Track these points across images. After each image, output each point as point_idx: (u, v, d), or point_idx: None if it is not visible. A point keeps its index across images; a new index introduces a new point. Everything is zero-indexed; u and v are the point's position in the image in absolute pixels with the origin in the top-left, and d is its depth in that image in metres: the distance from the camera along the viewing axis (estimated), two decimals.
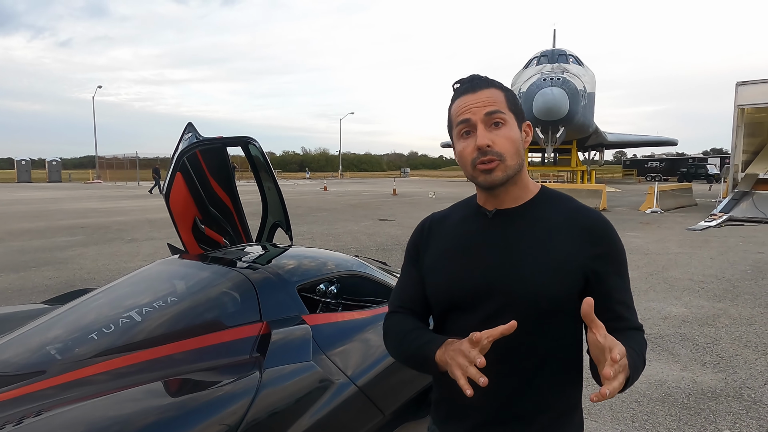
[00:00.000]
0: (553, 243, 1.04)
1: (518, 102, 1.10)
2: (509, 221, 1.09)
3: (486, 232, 1.10)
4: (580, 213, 1.09)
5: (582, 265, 1.03)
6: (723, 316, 5.07)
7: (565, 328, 1.05)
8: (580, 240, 1.05)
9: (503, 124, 1.04)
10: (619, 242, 1.08)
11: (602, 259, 1.04)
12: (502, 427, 1.08)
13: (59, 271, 7.02)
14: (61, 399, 1.57)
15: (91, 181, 42.99)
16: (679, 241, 10.07)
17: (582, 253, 1.03)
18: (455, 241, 1.13)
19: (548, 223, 1.07)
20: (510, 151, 1.04)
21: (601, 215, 1.10)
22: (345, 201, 21.03)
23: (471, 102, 1.05)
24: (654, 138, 46.81)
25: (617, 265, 1.07)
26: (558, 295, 1.02)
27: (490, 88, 1.07)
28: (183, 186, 3.17)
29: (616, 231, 1.10)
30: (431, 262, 1.16)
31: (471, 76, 1.11)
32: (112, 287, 2.43)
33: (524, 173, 1.11)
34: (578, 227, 1.06)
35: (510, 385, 1.05)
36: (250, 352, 1.93)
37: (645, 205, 16.85)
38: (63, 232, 10.91)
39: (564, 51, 28.72)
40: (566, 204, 1.12)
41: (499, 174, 1.04)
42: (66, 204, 18.91)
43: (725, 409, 3.12)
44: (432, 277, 1.15)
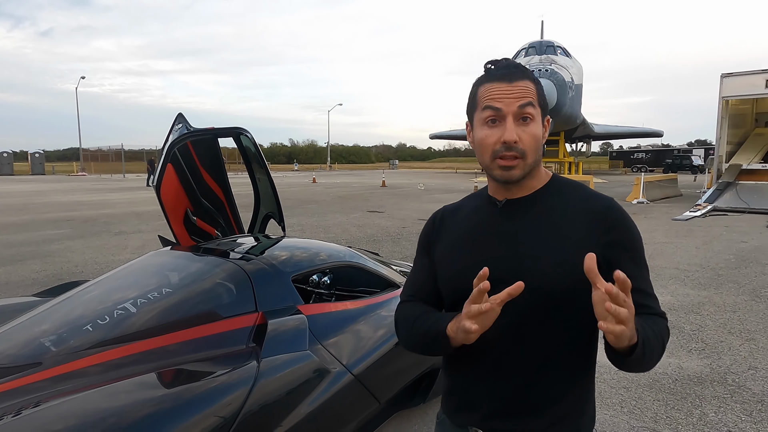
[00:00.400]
0: (565, 231, 1.03)
1: (545, 95, 1.08)
2: (520, 210, 1.08)
3: (496, 222, 1.09)
4: (592, 200, 1.07)
5: (595, 251, 0.96)
6: (708, 303, 5.18)
7: (578, 318, 1.02)
8: (592, 227, 1.03)
9: (531, 120, 1.02)
10: (633, 229, 1.06)
11: (616, 247, 1.02)
12: (514, 417, 1.06)
13: (47, 264, 6.94)
14: (57, 390, 1.57)
15: (76, 173, 42.38)
16: (665, 231, 10.22)
17: (594, 241, 1.01)
18: (466, 232, 1.13)
19: (560, 211, 1.06)
20: (532, 148, 1.03)
21: (614, 202, 1.08)
22: (334, 193, 20.98)
23: (505, 91, 1.02)
24: (640, 129, 47.26)
25: (632, 252, 1.04)
26: (570, 284, 0.99)
27: (525, 80, 1.04)
28: (174, 177, 3.15)
29: (630, 217, 1.07)
30: (442, 253, 1.15)
31: (507, 62, 1.06)
32: (106, 279, 2.41)
33: (540, 164, 1.09)
34: (590, 215, 1.04)
35: (522, 375, 1.04)
36: (247, 342, 1.94)
37: (631, 195, 17.05)
38: (49, 226, 10.76)
39: (552, 42, 28.81)
40: (578, 192, 1.10)
41: (518, 172, 1.03)
42: (51, 197, 18.62)
43: (711, 394, 3.19)
44: (443, 268, 1.14)
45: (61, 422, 1.40)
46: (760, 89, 15.06)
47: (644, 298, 1.02)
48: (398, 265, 3.71)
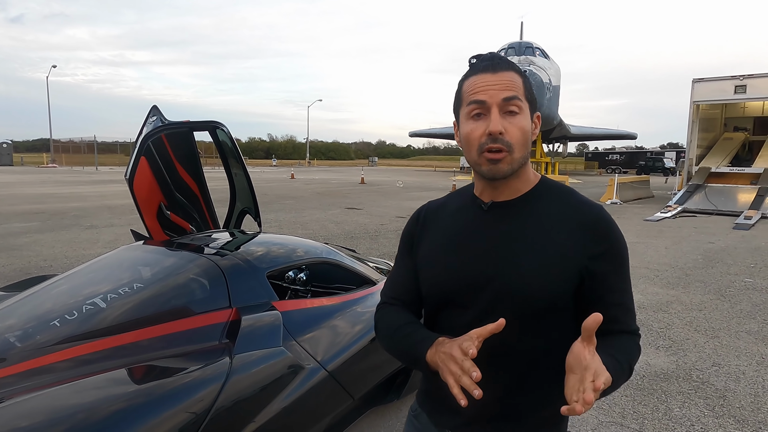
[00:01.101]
0: (550, 239, 1.00)
1: (533, 90, 1.05)
2: (506, 214, 1.05)
3: (481, 225, 1.06)
4: (580, 208, 1.03)
5: (579, 263, 0.98)
6: (675, 302, 5.33)
7: (560, 326, 1.01)
8: (579, 237, 0.99)
9: (518, 113, 0.99)
10: (621, 241, 1.03)
11: (601, 258, 0.99)
12: (494, 424, 1.05)
13: (13, 258, 6.74)
14: (22, 387, 1.53)
15: (46, 165, 41.16)
16: (637, 231, 10.46)
17: (580, 251, 0.98)
18: (449, 234, 1.10)
19: (546, 217, 1.02)
20: (520, 142, 0.99)
21: (603, 211, 1.04)
22: (312, 189, 20.87)
23: (489, 82, 0.98)
24: (615, 131, 48.26)
25: (617, 264, 1.01)
26: (552, 293, 0.98)
27: (510, 71, 1.00)
28: (148, 170, 3.10)
29: (618, 228, 1.04)
30: (424, 254, 1.12)
31: (492, 55, 1.03)
32: (75, 273, 2.36)
33: (527, 165, 1.05)
34: (578, 223, 1.01)
35: (502, 382, 1.02)
36: (220, 338, 1.92)
37: (605, 196, 17.39)
38: (17, 218, 10.44)
39: (531, 44, 29.19)
40: (567, 197, 1.06)
41: (505, 166, 0.99)
42: (19, 188, 18.06)
43: (676, 390, 3.29)
44: (425, 271, 1.11)
45: (28, 419, 1.37)
46: (729, 95, 15.53)
47: (622, 313, 1.02)
48: (375, 262, 3.71)
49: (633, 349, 1.01)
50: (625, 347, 1.00)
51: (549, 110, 27.22)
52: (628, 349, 1.00)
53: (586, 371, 0.82)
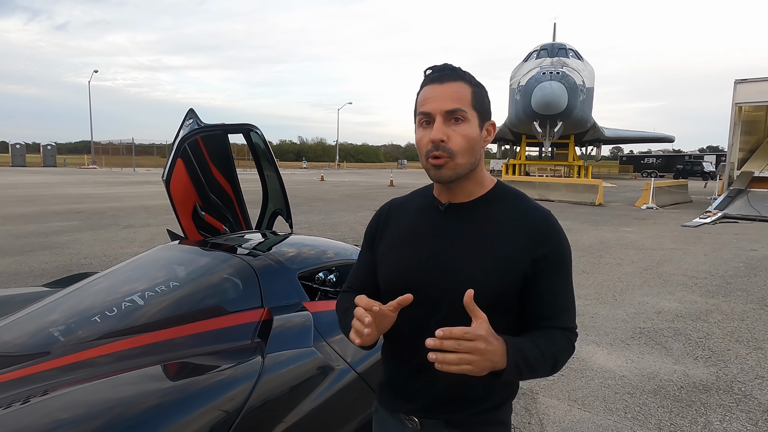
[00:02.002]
0: (498, 242, 1.06)
1: (486, 99, 1.09)
2: (459, 216, 1.11)
3: (436, 226, 1.12)
4: (528, 213, 1.09)
5: (523, 265, 1.04)
6: (715, 311, 5.13)
7: (505, 325, 1.05)
8: (525, 240, 1.05)
9: (463, 121, 1.04)
10: (563, 244, 1.09)
11: (543, 261, 1.05)
12: (446, 407, 1.11)
13: (55, 256, 7.01)
14: (65, 380, 1.59)
15: (87, 166, 42.71)
16: (674, 237, 10.14)
17: (524, 254, 1.04)
18: (406, 232, 1.16)
19: (496, 221, 1.08)
20: (463, 149, 1.04)
21: (549, 216, 1.11)
22: (342, 191, 21.01)
23: (436, 94, 1.05)
24: (651, 134, 46.87)
25: (558, 266, 1.07)
26: (496, 294, 1.03)
27: (458, 81, 1.05)
28: (184, 172, 3.17)
29: (562, 232, 1.10)
30: (383, 251, 1.19)
31: (443, 66, 1.09)
32: (114, 271, 2.43)
33: (480, 169, 1.11)
34: (524, 227, 1.07)
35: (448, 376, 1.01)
36: (252, 337, 1.95)
37: (641, 201, 16.93)
38: (58, 217, 10.87)
39: (564, 45, 28.63)
40: (518, 202, 1.12)
41: (447, 172, 1.05)
42: (61, 189, 18.80)
43: (716, 402, 3.17)
44: (381, 266, 1.18)
45: (68, 411, 1.42)
46: None
47: (556, 312, 1.08)
48: None
49: (561, 343, 1.06)
50: (552, 338, 1.05)
51: (582, 112, 26.64)
52: (554, 340, 1.05)
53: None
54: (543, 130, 25.59)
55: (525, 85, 25.03)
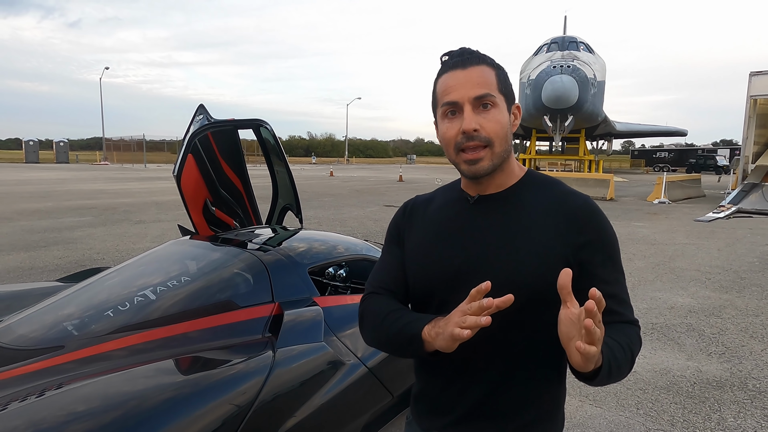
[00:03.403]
0: (536, 230, 0.98)
1: (509, 81, 1.02)
2: (491, 207, 1.03)
3: (467, 219, 1.05)
4: (566, 198, 1.01)
5: (565, 254, 0.96)
6: (729, 307, 5.07)
7: (547, 321, 0.93)
8: (564, 227, 0.97)
9: (492, 107, 0.97)
10: (608, 229, 1.00)
11: (588, 248, 0.97)
12: (482, 422, 1.02)
13: (69, 251, 7.09)
14: (79, 373, 1.61)
15: (98, 162, 43.14)
16: (687, 231, 10.02)
17: (566, 241, 0.96)
18: (435, 227, 1.09)
19: (532, 209, 1.00)
20: (499, 135, 0.97)
21: (589, 200, 1.02)
22: (351, 186, 21.03)
23: (460, 80, 0.97)
24: (663, 128, 46.34)
25: (606, 254, 0.98)
26: (538, 286, 0.94)
27: (481, 64, 0.98)
28: (194, 168, 3.19)
29: (605, 217, 1.02)
30: (411, 247, 1.12)
31: (461, 50, 1.01)
32: (126, 266, 2.46)
33: (510, 158, 1.04)
34: (563, 213, 0.99)
35: (490, 380, 1.00)
36: (263, 332, 1.96)
37: (653, 195, 16.75)
38: (71, 213, 10.99)
39: (575, 38, 28.34)
40: (552, 189, 1.04)
41: (486, 164, 0.98)
42: (73, 185, 19.01)
43: (730, 399, 3.13)
44: (411, 263, 1.10)
45: (82, 404, 1.44)
46: None
47: (617, 305, 0.97)
48: None
49: (633, 337, 0.97)
50: (625, 333, 0.96)
51: (593, 106, 26.39)
52: (627, 334, 0.96)
53: (577, 330, 0.79)
54: (553, 125, 25.40)
55: (535, 79, 24.82)
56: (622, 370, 0.91)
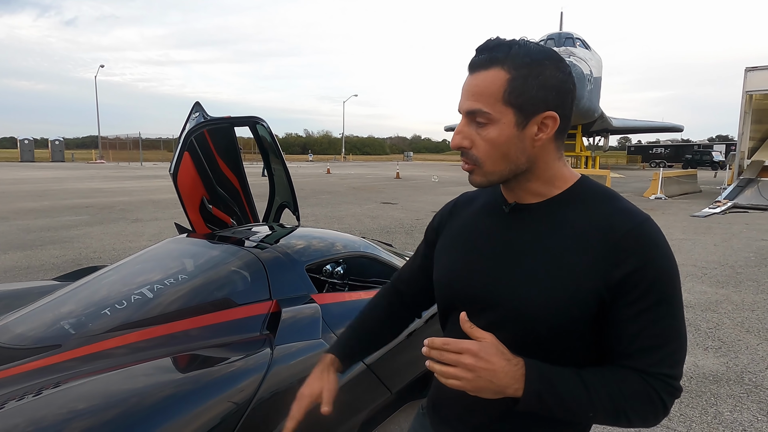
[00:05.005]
0: (568, 256, 0.84)
1: (532, 85, 0.82)
2: (527, 220, 0.91)
3: (496, 229, 0.94)
4: (616, 217, 0.84)
5: (598, 288, 0.81)
6: (725, 301, 5.09)
7: (569, 357, 0.86)
8: (603, 253, 0.81)
9: (486, 124, 0.85)
10: (659, 260, 0.81)
11: (626, 282, 0.80)
12: None
13: (65, 250, 7.07)
14: (77, 372, 1.60)
15: (94, 161, 42.97)
16: (683, 227, 10.06)
17: (601, 272, 0.81)
18: (463, 234, 1.00)
19: (571, 226, 0.86)
20: (490, 156, 0.86)
21: (647, 222, 0.83)
22: (348, 184, 21.01)
23: (465, 87, 0.87)
24: (659, 124, 46.44)
25: (648, 289, 0.80)
26: (560, 321, 0.84)
27: (492, 68, 0.83)
28: (191, 165, 3.17)
29: (663, 244, 0.82)
30: (439, 250, 1.05)
31: (481, 46, 0.87)
32: (123, 264, 2.45)
33: (545, 167, 0.89)
34: (606, 236, 0.82)
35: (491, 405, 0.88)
36: (261, 329, 1.96)
37: (649, 191, 16.80)
38: (67, 212, 10.95)
39: (571, 34, 28.38)
40: (604, 205, 0.86)
41: (478, 179, 0.89)
42: (69, 184, 18.93)
43: (726, 393, 3.15)
44: (436, 265, 1.04)
45: (81, 402, 1.43)
46: None
47: (635, 350, 0.81)
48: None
49: (632, 388, 0.80)
50: (619, 379, 0.81)
51: (590, 103, 26.44)
52: (621, 382, 0.81)
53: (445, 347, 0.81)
54: None
55: None
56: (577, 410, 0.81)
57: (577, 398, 0.80)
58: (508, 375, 0.79)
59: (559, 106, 0.85)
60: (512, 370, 0.79)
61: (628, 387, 0.80)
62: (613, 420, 0.82)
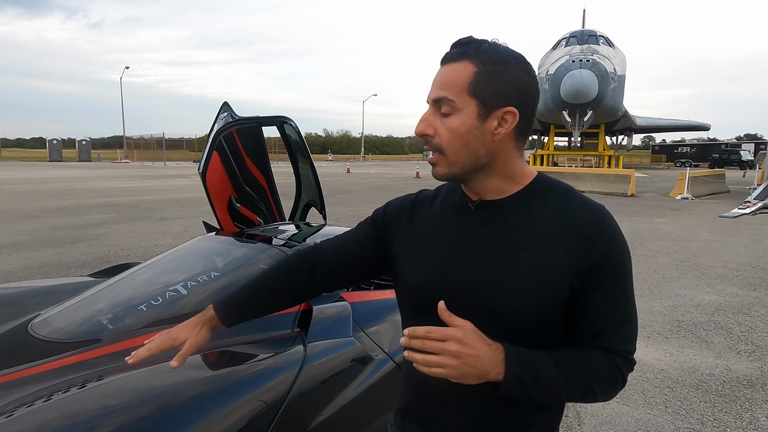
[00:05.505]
0: (542, 247, 0.87)
1: (496, 81, 0.87)
2: (495, 216, 0.93)
3: (463, 227, 0.95)
4: (576, 209, 0.90)
5: (568, 275, 0.86)
6: (758, 304, 4.96)
7: (547, 344, 0.89)
8: (571, 244, 0.87)
9: (452, 112, 0.88)
10: (618, 247, 0.88)
11: (593, 268, 0.86)
12: None
13: (94, 247, 7.23)
14: (116, 366, 1.64)
15: (119, 160, 43.86)
16: (711, 228, 9.83)
17: (570, 261, 0.86)
18: (433, 232, 1.00)
19: (536, 220, 0.90)
20: (454, 146, 0.89)
21: (603, 212, 0.91)
22: (368, 183, 21.05)
23: (435, 78, 0.91)
24: (685, 122, 45.41)
25: (610, 274, 0.87)
26: (537, 313, 0.87)
27: (461, 61, 0.88)
28: (219, 165, 3.21)
29: (619, 232, 0.90)
30: (399, 252, 1.04)
31: (456, 41, 0.92)
32: (156, 261, 2.49)
33: (507, 164, 0.92)
34: (571, 227, 0.88)
35: (486, 402, 0.92)
36: (291, 326, 1.97)
37: (675, 191, 16.46)
38: (94, 210, 11.20)
39: (594, 32, 27.92)
40: (564, 198, 0.92)
41: (440, 170, 0.92)
42: (96, 183, 19.36)
43: (761, 398, 3.07)
44: (403, 266, 1.03)
45: (123, 396, 1.46)
46: None
47: (600, 330, 0.88)
48: None
49: (600, 367, 0.87)
50: (587, 358, 0.87)
51: (613, 101, 25.98)
52: (589, 361, 0.87)
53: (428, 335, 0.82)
54: (572, 120, 25.08)
55: (554, 73, 24.52)
56: (553, 391, 0.85)
57: (553, 378, 0.85)
58: (491, 360, 0.82)
59: (521, 104, 0.89)
60: (494, 354, 0.82)
61: (595, 365, 0.87)
62: (582, 397, 0.88)
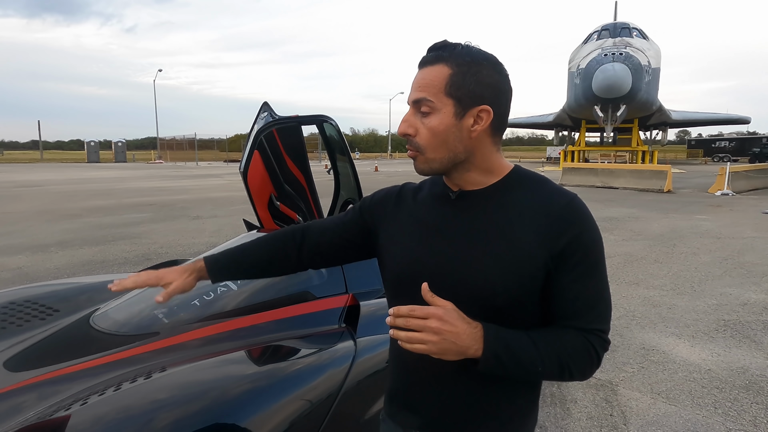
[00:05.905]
0: (518, 233, 0.93)
1: (472, 80, 0.93)
2: (474, 205, 0.99)
3: (445, 216, 1.01)
4: (550, 197, 0.95)
5: (544, 258, 0.92)
6: None
7: (524, 324, 0.95)
8: (545, 229, 0.92)
9: (431, 112, 0.94)
10: (590, 231, 0.94)
11: (566, 251, 0.92)
12: (458, 423, 1.01)
13: (134, 245, 7.46)
14: (174, 358, 1.70)
15: (153, 161, 45.05)
16: (755, 225, 9.48)
17: (545, 245, 0.92)
18: (417, 221, 1.05)
19: (513, 208, 0.96)
20: (431, 144, 0.95)
21: (575, 199, 0.96)
22: (397, 181, 20.90)
23: (414, 81, 0.97)
24: (724, 116, 43.80)
25: (583, 257, 0.92)
26: (515, 294, 0.92)
27: (437, 64, 0.94)
28: (260, 164, 3.28)
29: (590, 217, 0.95)
30: (385, 240, 1.10)
31: (430, 47, 0.98)
32: None
33: (484, 158, 0.98)
34: (545, 214, 0.93)
35: (464, 382, 0.98)
36: (338, 322, 2.00)
37: (714, 186, 15.94)
38: (132, 209, 11.55)
39: (627, 24, 27.22)
40: (538, 187, 0.98)
41: (420, 166, 0.98)
42: (132, 183, 19.95)
43: None
44: (389, 253, 1.08)
45: (178, 389, 1.51)
46: None
47: (574, 310, 0.93)
48: None
49: (574, 345, 0.92)
50: (561, 338, 0.92)
51: (647, 95, 25.30)
52: (563, 340, 0.92)
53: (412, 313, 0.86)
54: (605, 115, 24.56)
55: (585, 68, 24.05)
56: (529, 368, 0.90)
57: (529, 355, 0.89)
58: (470, 337, 0.86)
59: (494, 102, 0.94)
60: (473, 332, 0.87)
61: (570, 343, 0.92)
62: (558, 375, 0.92)
